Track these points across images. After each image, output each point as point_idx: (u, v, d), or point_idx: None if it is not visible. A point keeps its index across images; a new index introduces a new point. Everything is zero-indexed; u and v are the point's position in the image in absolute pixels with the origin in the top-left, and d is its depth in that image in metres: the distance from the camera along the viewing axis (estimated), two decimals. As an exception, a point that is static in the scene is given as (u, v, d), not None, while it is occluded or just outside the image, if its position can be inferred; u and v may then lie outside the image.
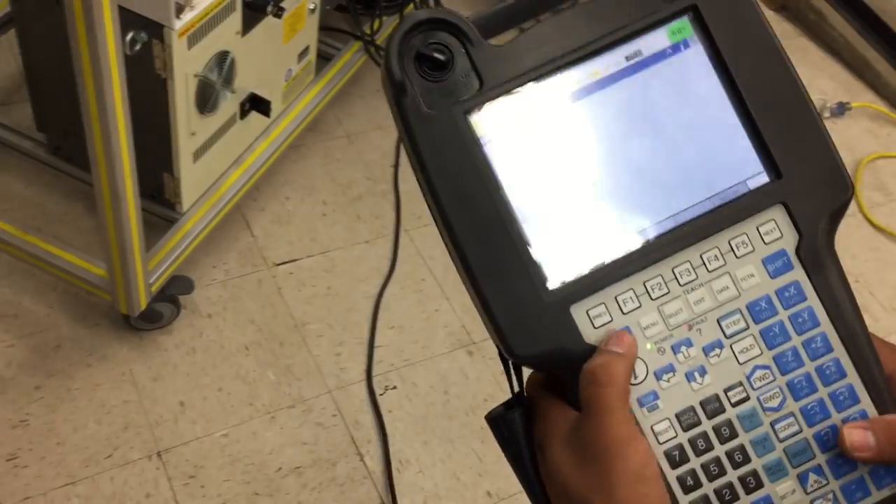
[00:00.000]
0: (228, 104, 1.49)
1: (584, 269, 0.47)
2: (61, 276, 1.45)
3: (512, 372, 0.51)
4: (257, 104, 1.56)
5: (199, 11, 1.30)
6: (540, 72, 0.47)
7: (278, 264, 1.68)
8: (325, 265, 1.70)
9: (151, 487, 1.37)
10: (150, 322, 1.51)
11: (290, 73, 1.66)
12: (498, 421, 0.50)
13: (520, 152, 0.47)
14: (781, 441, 0.48)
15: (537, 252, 0.47)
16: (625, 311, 0.47)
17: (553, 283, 0.47)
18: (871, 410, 0.49)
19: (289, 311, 1.62)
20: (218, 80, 1.43)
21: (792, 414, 0.48)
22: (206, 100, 1.42)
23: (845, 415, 0.49)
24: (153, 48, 1.30)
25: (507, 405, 0.50)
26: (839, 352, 0.49)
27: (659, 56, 0.48)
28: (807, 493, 0.48)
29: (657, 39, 0.48)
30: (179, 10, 1.26)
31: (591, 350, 0.46)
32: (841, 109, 2.26)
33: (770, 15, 2.56)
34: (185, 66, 1.34)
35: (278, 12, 1.46)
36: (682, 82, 0.48)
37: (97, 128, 1.16)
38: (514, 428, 0.49)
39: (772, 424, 0.48)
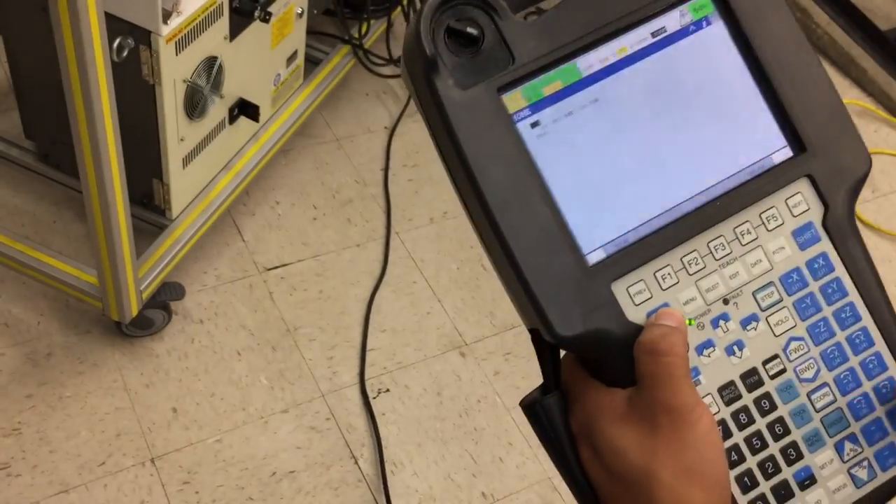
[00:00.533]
0: (217, 109, 1.49)
1: (623, 245, 0.46)
2: (51, 284, 1.45)
3: (548, 357, 0.49)
4: (246, 109, 1.56)
5: (187, 17, 1.30)
6: (570, 48, 0.47)
7: (269, 269, 1.68)
8: (316, 269, 1.70)
9: (145, 494, 1.37)
10: (141, 328, 1.51)
11: (278, 77, 1.66)
12: (535, 407, 0.48)
13: (553, 129, 0.46)
14: (818, 411, 0.49)
15: (575, 228, 0.46)
16: (664, 287, 0.47)
17: (593, 260, 0.46)
18: None
19: (280, 315, 1.62)
20: (206, 85, 1.43)
21: (826, 384, 0.49)
22: (194, 105, 1.42)
23: (875, 383, 0.50)
24: (140, 54, 1.30)
25: (541, 390, 0.49)
26: (867, 321, 0.50)
27: (683, 33, 0.48)
28: (843, 462, 0.49)
29: (681, 16, 0.49)
30: (166, 15, 1.26)
31: (633, 329, 0.46)
32: (828, 106, 2.27)
33: (756, 13, 2.57)
34: (173, 72, 1.33)
35: (266, 17, 1.46)
36: (706, 59, 0.49)
37: (85, 135, 1.16)
38: (553, 413, 0.48)
39: (808, 395, 0.49)
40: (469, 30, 0.45)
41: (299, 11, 1.62)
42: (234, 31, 1.44)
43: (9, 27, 1.43)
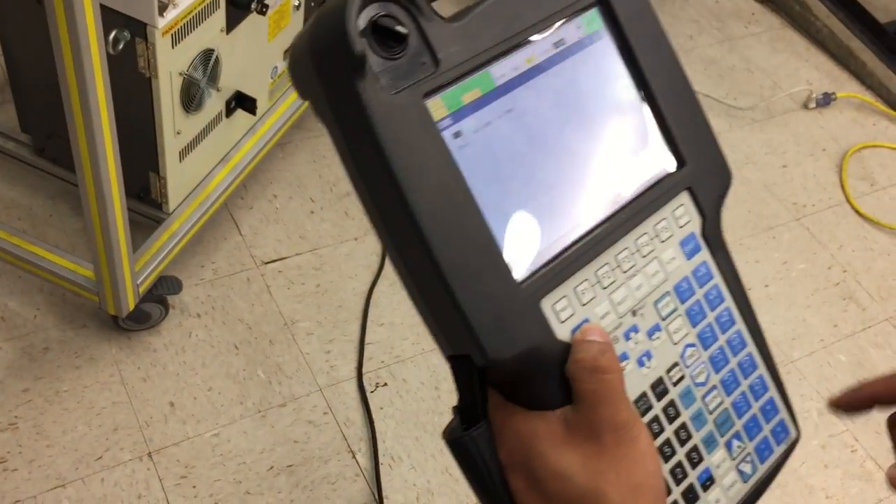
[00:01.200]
0: (214, 102, 1.49)
1: (544, 260, 0.45)
2: (48, 278, 1.44)
3: (476, 384, 0.45)
4: (243, 102, 1.56)
5: (183, 9, 1.29)
6: (487, 55, 0.45)
7: (267, 263, 1.68)
8: (313, 263, 1.70)
9: (143, 488, 1.37)
10: (138, 323, 1.50)
11: (275, 70, 1.65)
12: (464, 441, 0.45)
13: (474, 140, 0.44)
14: (711, 413, 0.51)
15: (502, 245, 0.44)
16: (583, 302, 0.46)
17: (520, 277, 0.44)
18: (766, 374, 0.53)
19: (278, 309, 1.61)
20: (203, 78, 1.42)
21: (715, 386, 0.51)
22: (191, 98, 1.42)
23: (749, 381, 0.53)
24: (136, 47, 1.29)
25: (462, 421, 0.45)
26: (740, 324, 0.53)
27: (578, 46, 0.49)
28: (733, 459, 0.51)
29: (576, 29, 0.49)
30: (162, 8, 1.25)
31: (562, 347, 0.44)
32: (826, 100, 2.27)
33: (755, 6, 2.56)
34: (170, 65, 1.33)
35: (262, 9, 1.45)
36: (600, 72, 0.50)
37: (81, 128, 1.16)
38: (483, 446, 0.45)
39: (703, 399, 0.51)
40: (398, 28, 0.41)
41: (296, 3, 1.61)
42: (231, 23, 1.43)
43: (4, 20, 1.42)
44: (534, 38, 0.47)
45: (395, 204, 0.41)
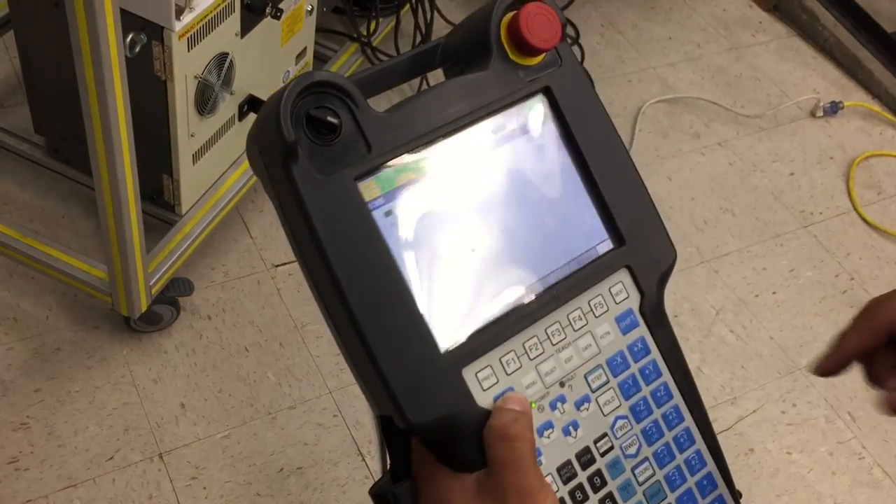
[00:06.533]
0: (227, 106, 1.49)
1: (471, 331, 0.48)
2: (61, 279, 1.45)
3: (399, 443, 0.49)
4: (256, 106, 1.57)
5: (199, 13, 1.30)
6: (422, 141, 0.48)
7: (277, 266, 1.68)
8: (323, 266, 1.70)
9: (153, 489, 1.37)
10: (150, 324, 1.51)
11: (287, 74, 1.66)
12: (387, 496, 0.48)
13: (407, 218, 0.47)
14: (640, 485, 0.52)
15: (429, 317, 0.46)
16: (508, 372, 0.48)
17: (444, 347, 0.47)
18: (704, 449, 0.54)
19: (288, 311, 1.62)
20: (217, 81, 1.43)
21: (647, 459, 0.52)
22: (205, 101, 1.42)
23: (685, 456, 0.54)
24: (153, 50, 1.30)
25: (391, 477, 0.49)
26: (677, 398, 0.54)
27: (520, 131, 0.51)
28: None
29: (518, 115, 0.51)
30: (179, 11, 1.26)
31: (482, 413, 0.47)
32: (833, 108, 2.28)
33: (763, 15, 2.57)
34: (185, 68, 1.34)
35: (277, 14, 1.46)
36: (540, 156, 0.52)
37: (98, 130, 1.16)
38: (405, 501, 0.48)
39: (632, 470, 0.52)
40: (330, 118, 0.45)
41: (309, 8, 1.62)
42: (246, 27, 1.44)
43: (20, 22, 1.43)
44: (470, 124, 0.50)
45: (325, 277, 0.45)
